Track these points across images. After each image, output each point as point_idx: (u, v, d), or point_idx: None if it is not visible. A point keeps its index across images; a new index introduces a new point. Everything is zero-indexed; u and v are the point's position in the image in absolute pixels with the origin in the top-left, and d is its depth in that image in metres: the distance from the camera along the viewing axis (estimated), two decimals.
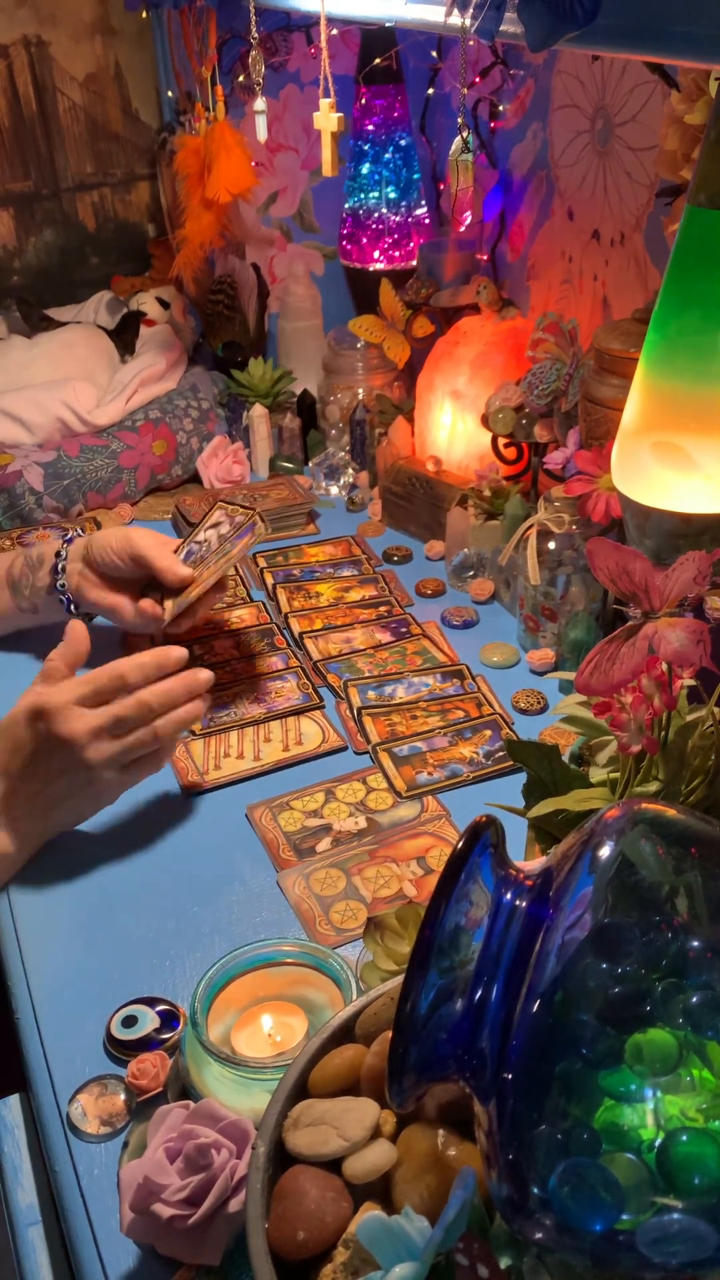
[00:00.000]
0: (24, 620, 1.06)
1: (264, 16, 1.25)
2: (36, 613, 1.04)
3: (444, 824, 0.87)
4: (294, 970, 0.67)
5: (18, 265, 1.68)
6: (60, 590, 1.01)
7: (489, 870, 0.44)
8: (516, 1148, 0.39)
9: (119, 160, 1.69)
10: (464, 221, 0.88)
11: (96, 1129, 0.65)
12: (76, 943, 0.77)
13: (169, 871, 0.83)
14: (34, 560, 1.03)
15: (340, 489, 1.39)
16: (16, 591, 1.04)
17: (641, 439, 0.68)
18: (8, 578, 1.04)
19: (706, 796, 0.58)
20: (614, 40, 0.58)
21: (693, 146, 0.87)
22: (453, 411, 1.24)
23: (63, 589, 1.01)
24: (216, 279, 1.51)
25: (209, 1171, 0.54)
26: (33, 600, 1.03)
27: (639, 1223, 0.38)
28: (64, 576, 1.01)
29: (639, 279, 1.07)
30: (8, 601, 1.04)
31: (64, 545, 1.02)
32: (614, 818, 0.45)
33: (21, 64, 1.57)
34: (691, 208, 0.61)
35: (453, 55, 1.33)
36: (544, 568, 1.00)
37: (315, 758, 0.94)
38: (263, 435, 1.41)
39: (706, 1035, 0.39)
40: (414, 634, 1.10)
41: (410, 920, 0.66)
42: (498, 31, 0.66)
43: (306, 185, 1.44)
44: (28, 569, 1.03)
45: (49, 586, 1.02)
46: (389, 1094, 0.42)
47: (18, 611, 1.05)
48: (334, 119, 0.98)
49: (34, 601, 1.03)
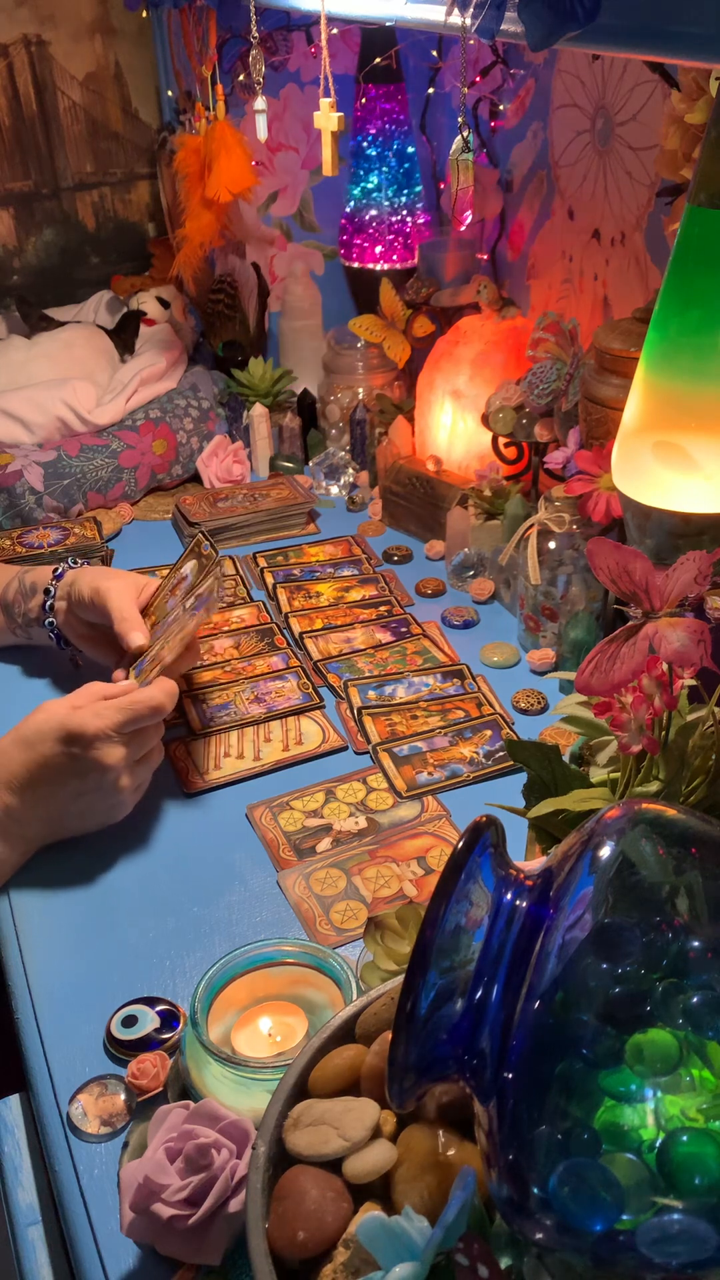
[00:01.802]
0: (18, 640, 1.06)
1: (264, 16, 1.25)
2: (30, 638, 1.04)
3: (444, 824, 0.86)
4: (294, 970, 0.67)
5: (18, 265, 1.68)
6: (49, 627, 1.00)
7: (489, 870, 0.44)
8: (516, 1148, 0.39)
9: (119, 160, 1.69)
10: (464, 221, 0.88)
11: (96, 1129, 0.65)
12: (77, 943, 0.77)
13: (169, 871, 0.83)
14: (27, 588, 1.02)
15: (340, 489, 1.39)
16: (9, 614, 1.03)
17: (642, 439, 0.68)
18: (2, 600, 1.03)
19: (707, 796, 0.58)
20: (614, 40, 0.58)
21: (693, 146, 0.87)
22: (453, 411, 1.24)
23: (51, 626, 1.00)
24: (216, 278, 1.51)
25: (209, 1171, 0.54)
26: (25, 629, 1.03)
27: (639, 1223, 0.38)
28: (52, 614, 0.99)
29: (639, 279, 1.07)
30: (2, 621, 1.04)
31: (53, 582, 0.99)
32: (614, 818, 0.45)
33: (21, 63, 1.57)
34: (692, 207, 0.61)
35: (453, 55, 1.33)
36: (544, 567, 1.00)
37: (315, 758, 0.94)
38: (263, 435, 1.40)
39: (707, 1035, 0.39)
40: (414, 634, 1.10)
41: (410, 920, 0.66)
42: (498, 31, 0.66)
43: (306, 185, 1.44)
44: (20, 596, 1.02)
45: (39, 620, 1.01)
46: (389, 1094, 0.42)
47: (11, 634, 1.05)
48: (334, 118, 0.98)
49: (27, 631, 1.03)
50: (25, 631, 1.03)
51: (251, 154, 1.31)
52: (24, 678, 1.06)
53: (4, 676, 1.06)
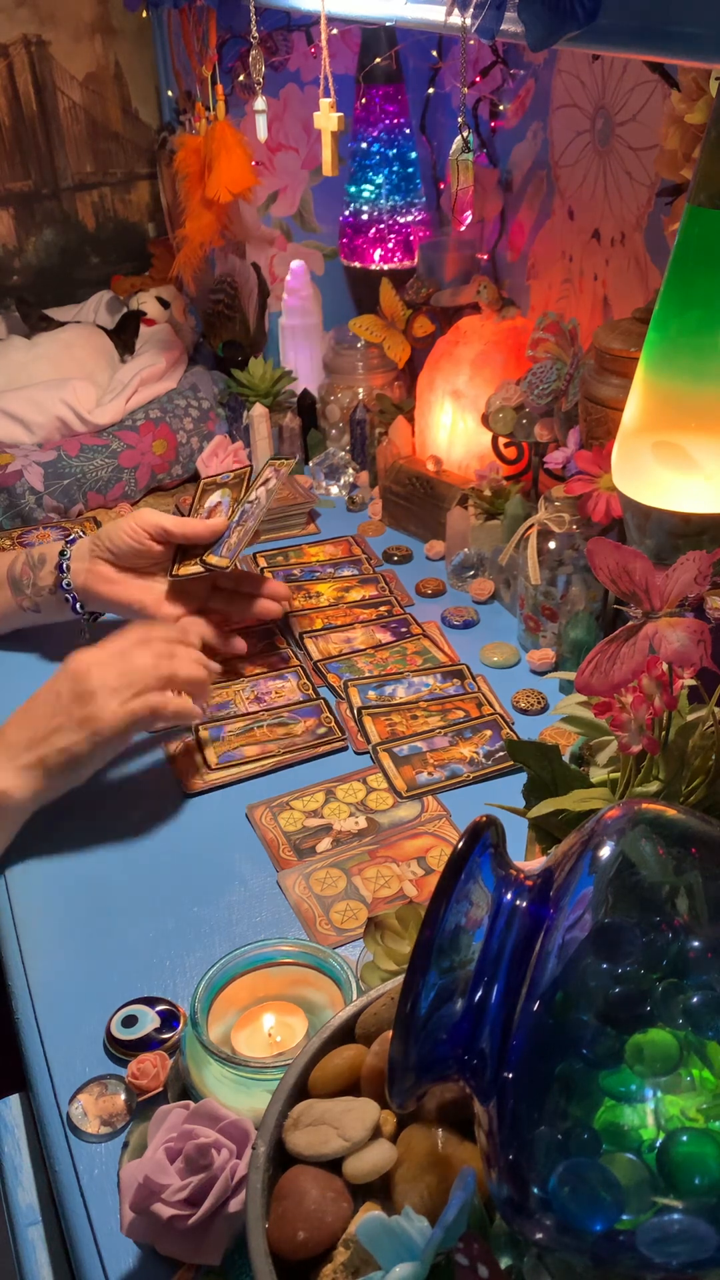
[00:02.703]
0: (25, 619, 1.06)
1: (264, 16, 1.25)
2: (39, 612, 1.04)
3: (444, 824, 0.86)
4: (294, 970, 0.67)
5: (18, 265, 1.68)
6: (66, 589, 1.01)
7: (489, 870, 0.44)
8: (516, 1148, 0.39)
9: (119, 160, 1.69)
10: (464, 221, 0.88)
11: (97, 1129, 0.65)
12: (76, 942, 0.77)
13: (169, 871, 0.83)
14: (35, 560, 1.03)
15: (340, 489, 1.39)
16: (18, 590, 1.04)
17: (642, 439, 0.68)
18: (8, 576, 1.04)
19: (706, 796, 0.58)
20: (614, 40, 0.58)
21: (693, 146, 0.87)
22: (453, 411, 1.24)
23: (68, 588, 1.01)
24: (217, 278, 1.51)
25: (209, 1171, 0.54)
26: (34, 600, 1.03)
27: (639, 1223, 0.38)
28: (69, 575, 1.01)
29: (639, 279, 1.07)
30: (9, 599, 1.04)
31: (66, 545, 1.03)
32: (614, 818, 0.45)
33: (21, 63, 1.57)
34: (692, 207, 0.61)
35: (453, 55, 1.33)
36: (544, 567, 1.00)
37: (315, 758, 0.94)
38: (263, 435, 1.40)
39: (707, 1035, 0.39)
40: (414, 634, 1.10)
41: (410, 920, 0.66)
42: (498, 31, 0.66)
43: (306, 185, 1.44)
44: (28, 568, 1.03)
45: (52, 586, 1.02)
46: (389, 1094, 0.42)
47: (19, 610, 1.05)
48: (334, 118, 0.98)
49: (36, 601, 1.04)
50: (33, 603, 1.04)
51: (251, 154, 1.31)
52: (32, 667, 1.06)
53: (7, 667, 1.06)
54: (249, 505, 1.05)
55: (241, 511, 1.05)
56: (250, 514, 1.04)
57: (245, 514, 1.04)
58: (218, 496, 1.09)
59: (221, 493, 1.09)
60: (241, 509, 1.05)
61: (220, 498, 1.08)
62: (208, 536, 1.02)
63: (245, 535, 1.02)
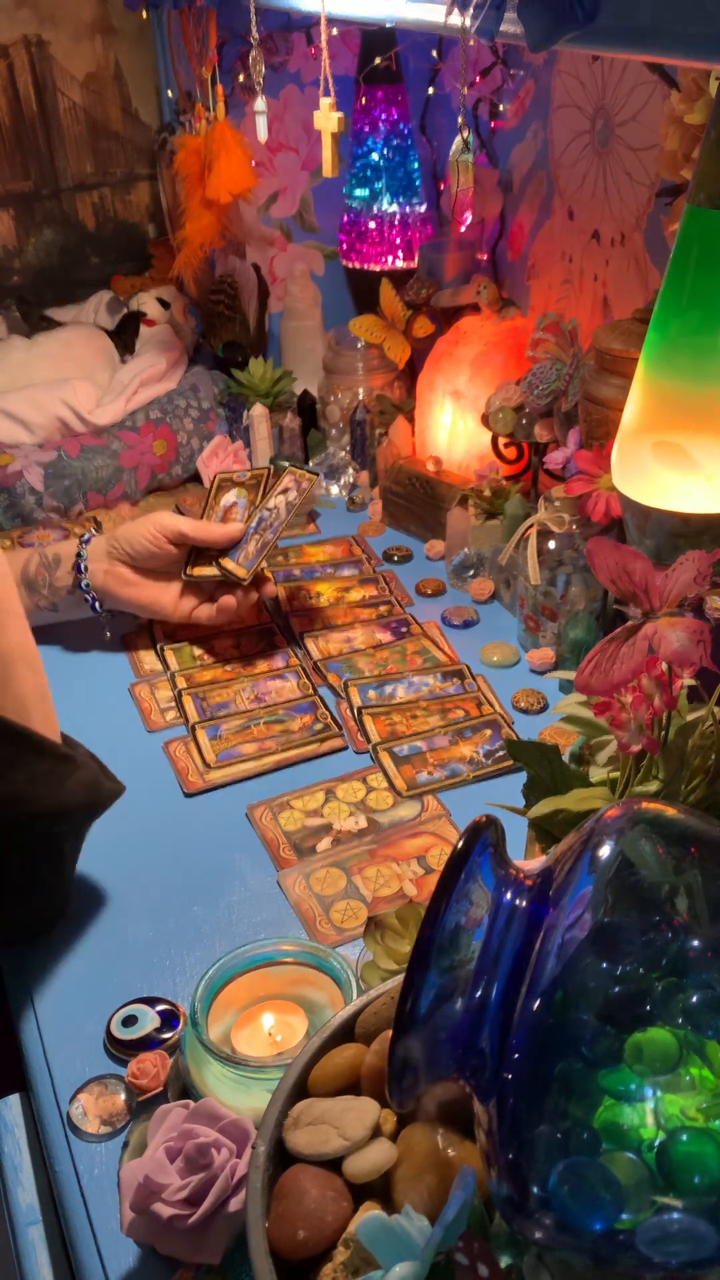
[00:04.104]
0: (43, 618, 1.06)
1: (264, 16, 1.25)
2: (56, 610, 1.05)
3: (444, 823, 0.87)
4: (294, 970, 0.67)
5: (18, 265, 1.68)
6: (85, 589, 1.02)
7: (489, 870, 0.44)
8: (516, 1147, 0.39)
9: (119, 160, 1.69)
10: (464, 221, 0.88)
11: (97, 1129, 0.65)
12: (77, 942, 0.77)
13: (169, 871, 0.83)
14: (50, 560, 1.04)
15: (340, 489, 1.39)
16: (34, 590, 1.04)
17: (641, 439, 0.68)
18: (24, 577, 1.04)
19: (706, 796, 0.58)
20: (614, 40, 0.58)
21: (693, 146, 0.87)
22: (453, 411, 1.24)
23: (87, 588, 1.02)
24: (217, 279, 1.51)
25: (209, 1171, 0.54)
26: (52, 599, 1.04)
27: (639, 1222, 0.38)
28: (87, 575, 1.02)
29: (639, 279, 1.07)
30: (25, 599, 1.05)
31: (81, 545, 1.03)
32: (614, 817, 0.45)
33: (21, 64, 1.57)
34: (691, 207, 0.61)
35: (453, 55, 1.33)
36: (544, 567, 1.00)
37: (315, 758, 0.94)
38: (263, 435, 1.40)
39: (706, 1035, 0.39)
40: (414, 634, 1.10)
41: (410, 920, 0.66)
42: (498, 31, 0.66)
43: (306, 185, 1.44)
44: (43, 569, 1.03)
45: (70, 586, 1.03)
46: (389, 1094, 0.42)
47: (36, 609, 1.05)
48: (334, 119, 0.98)
49: (53, 600, 1.04)
50: (50, 603, 1.04)
51: (251, 155, 1.31)
52: (50, 663, 1.06)
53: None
54: (267, 513, 1.06)
55: (260, 518, 1.05)
56: (269, 524, 1.05)
57: (263, 521, 1.05)
58: (233, 496, 1.09)
59: (237, 492, 1.09)
60: (259, 515, 1.05)
61: (236, 498, 1.09)
62: (224, 542, 1.03)
63: (264, 547, 1.04)
